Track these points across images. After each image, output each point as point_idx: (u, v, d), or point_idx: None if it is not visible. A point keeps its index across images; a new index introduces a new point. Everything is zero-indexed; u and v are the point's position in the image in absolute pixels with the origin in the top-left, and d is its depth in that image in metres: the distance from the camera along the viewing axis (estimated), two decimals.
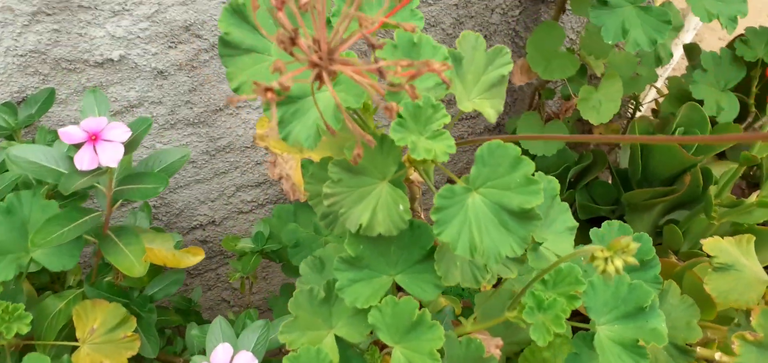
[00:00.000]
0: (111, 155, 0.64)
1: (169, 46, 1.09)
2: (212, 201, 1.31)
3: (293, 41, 0.38)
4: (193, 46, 1.10)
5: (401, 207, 0.56)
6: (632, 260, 0.49)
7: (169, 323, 1.04)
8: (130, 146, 0.67)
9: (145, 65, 1.10)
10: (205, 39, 1.10)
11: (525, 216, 0.51)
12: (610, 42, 0.81)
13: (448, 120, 0.54)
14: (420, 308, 0.59)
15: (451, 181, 0.53)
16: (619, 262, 0.48)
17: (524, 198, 0.50)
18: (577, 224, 0.67)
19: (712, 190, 0.97)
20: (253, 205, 1.36)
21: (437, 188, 0.53)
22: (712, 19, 0.84)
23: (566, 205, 0.67)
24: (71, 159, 0.68)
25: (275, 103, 0.37)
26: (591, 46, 1.02)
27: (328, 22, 0.52)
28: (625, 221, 1.17)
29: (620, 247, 0.48)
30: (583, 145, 1.33)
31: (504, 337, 0.71)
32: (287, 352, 0.95)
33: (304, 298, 0.62)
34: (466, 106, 0.56)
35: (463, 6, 1.17)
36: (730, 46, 1.12)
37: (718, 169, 1.09)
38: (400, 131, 0.52)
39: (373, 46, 0.39)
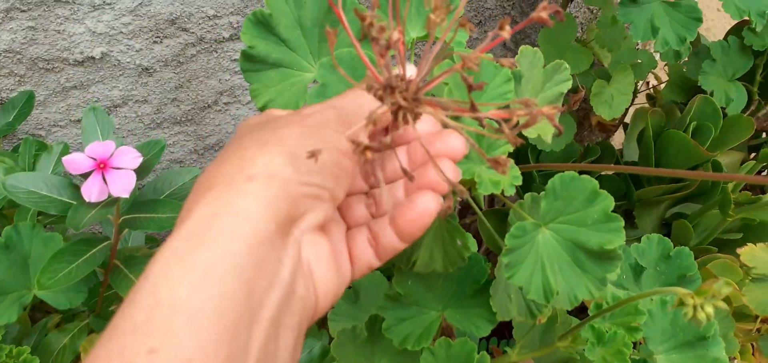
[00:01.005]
0: (122, 185, 0.58)
1: (154, 41, 1.02)
2: None
3: (393, 90, 0.33)
4: (179, 41, 1.03)
5: (459, 242, 0.51)
6: (723, 304, 0.45)
7: None
8: (141, 172, 0.60)
9: (128, 62, 1.03)
10: (192, 32, 1.03)
11: (604, 256, 0.47)
12: (639, 40, 0.77)
13: (511, 147, 0.49)
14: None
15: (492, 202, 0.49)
16: (709, 310, 0.45)
17: (604, 236, 0.46)
18: (623, 241, 0.63)
19: (729, 185, 0.95)
20: None
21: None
22: (743, 15, 0.81)
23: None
24: (75, 186, 0.61)
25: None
26: (604, 39, 0.98)
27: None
28: (633, 216, 1.16)
29: (711, 293, 0.45)
30: (589, 137, 1.30)
31: (544, 361, 0.68)
32: None
33: (347, 338, 0.57)
34: (530, 132, 0.51)
35: None
36: (736, 34, 1.10)
37: (726, 161, 1.08)
38: (465, 163, 0.47)
39: (471, 88, 0.34)
